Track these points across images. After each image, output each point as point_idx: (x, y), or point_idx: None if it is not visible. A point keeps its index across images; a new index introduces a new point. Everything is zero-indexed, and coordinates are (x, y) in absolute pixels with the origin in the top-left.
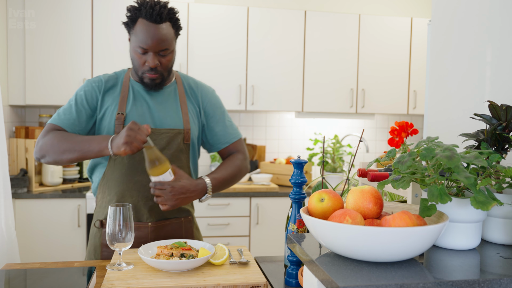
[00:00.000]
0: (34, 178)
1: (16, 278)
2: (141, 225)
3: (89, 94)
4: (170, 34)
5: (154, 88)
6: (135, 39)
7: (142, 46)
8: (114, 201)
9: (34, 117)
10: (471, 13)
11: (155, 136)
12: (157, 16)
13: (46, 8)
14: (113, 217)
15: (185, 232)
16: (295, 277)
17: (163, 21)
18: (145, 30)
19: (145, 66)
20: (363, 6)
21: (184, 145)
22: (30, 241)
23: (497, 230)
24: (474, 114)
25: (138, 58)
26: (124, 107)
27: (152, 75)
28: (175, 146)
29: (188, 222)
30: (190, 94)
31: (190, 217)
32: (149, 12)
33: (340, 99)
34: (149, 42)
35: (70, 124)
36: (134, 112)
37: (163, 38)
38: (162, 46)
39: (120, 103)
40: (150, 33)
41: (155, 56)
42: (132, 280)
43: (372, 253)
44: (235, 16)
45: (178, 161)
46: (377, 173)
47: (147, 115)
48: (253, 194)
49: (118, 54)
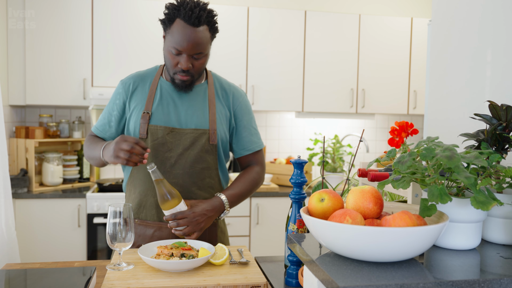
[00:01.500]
0: (34, 178)
1: (16, 278)
2: (162, 225)
3: (118, 98)
4: (206, 37)
5: (184, 89)
6: (170, 39)
7: (177, 47)
8: (137, 199)
9: (34, 117)
10: (472, 13)
11: (179, 136)
12: (196, 19)
13: (46, 8)
14: (113, 217)
15: (208, 235)
16: (295, 277)
17: (201, 24)
18: (182, 32)
19: (177, 68)
20: (363, 6)
21: (209, 146)
22: (30, 241)
23: (497, 230)
24: (474, 114)
25: (171, 58)
26: (150, 105)
27: (183, 77)
28: (200, 147)
29: (213, 226)
30: (221, 95)
31: (215, 221)
32: (188, 14)
33: (340, 99)
34: (185, 45)
35: (102, 130)
36: (159, 111)
37: (199, 42)
38: (197, 50)
39: (147, 102)
40: (186, 35)
41: (188, 58)
42: (132, 280)
43: (372, 253)
44: (235, 16)
45: (204, 162)
46: (377, 173)
47: (173, 114)
48: (253, 194)
49: (118, 54)
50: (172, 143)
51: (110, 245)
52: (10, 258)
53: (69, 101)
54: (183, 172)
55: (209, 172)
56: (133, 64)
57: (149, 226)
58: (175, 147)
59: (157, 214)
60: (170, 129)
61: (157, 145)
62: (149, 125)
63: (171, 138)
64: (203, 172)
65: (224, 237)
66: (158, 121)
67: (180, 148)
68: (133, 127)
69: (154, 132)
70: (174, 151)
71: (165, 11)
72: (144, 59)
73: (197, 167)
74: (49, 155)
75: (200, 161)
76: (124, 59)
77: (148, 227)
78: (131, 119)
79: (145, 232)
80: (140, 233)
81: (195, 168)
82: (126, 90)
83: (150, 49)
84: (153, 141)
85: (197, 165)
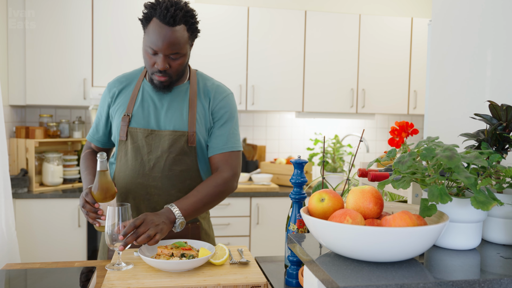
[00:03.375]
0: (34, 178)
1: (17, 278)
2: None
3: (104, 102)
4: (183, 37)
5: (162, 89)
6: (147, 38)
7: (152, 47)
8: (119, 200)
9: (34, 117)
10: (472, 13)
11: (158, 138)
12: (171, 18)
13: (46, 8)
14: (112, 217)
15: (191, 238)
16: (295, 277)
17: (177, 23)
18: (157, 31)
19: (155, 68)
20: (363, 6)
21: (188, 148)
22: (30, 241)
23: (497, 230)
24: (474, 114)
25: (149, 58)
26: (131, 108)
27: (160, 78)
28: (178, 149)
29: (195, 229)
30: (203, 95)
31: (198, 223)
32: (163, 13)
33: (341, 99)
34: (160, 45)
35: (92, 135)
36: (139, 113)
37: (175, 42)
38: (173, 50)
39: (129, 104)
40: (161, 35)
41: (165, 58)
42: (132, 280)
43: (372, 253)
44: (236, 16)
45: (183, 164)
46: (377, 173)
47: (152, 116)
48: (253, 194)
49: (118, 54)
50: (151, 146)
51: (109, 246)
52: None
53: (69, 101)
54: (162, 175)
55: (189, 173)
56: (133, 64)
57: None
58: (154, 150)
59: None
60: (149, 132)
61: (136, 147)
62: (129, 128)
63: (150, 141)
64: (182, 174)
65: (210, 240)
66: (138, 124)
67: (158, 150)
68: (115, 130)
69: (133, 135)
70: (152, 154)
71: (143, 10)
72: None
73: (176, 170)
74: (49, 155)
75: (178, 163)
76: (124, 59)
77: None
78: (113, 122)
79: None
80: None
81: (174, 170)
82: (111, 94)
83: None
84: (133, 143)
85: (176, 168)
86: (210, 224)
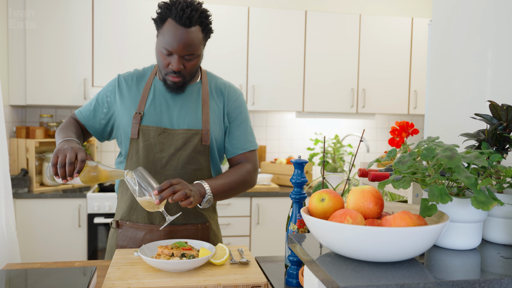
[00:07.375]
0: (34, 178)
1: (17, 278)
2: (154, 228)
3: (109, 95)
4: (198, 38)
5: (175, 90)
6: (161, 39)
7: (167, 48)
8: (129, 201)
9: (34, 117)
10: (472, 13)
11: (171, 136)
12: (187, 19)
13: (46, 8)
14: (133, 185)
15: (201, 238)
16: (295, 277)
17: (193, 25)
18: (172, 32)
19: (169, 68)
20: (363, 6)
21: (202, 147)
22: (30, 241)
23: (497, 230)
24: (474, 114)
25: (163, 59)
26: (142, 106)
27: (174, 78)
28: (192, 147)
29: (205, 229)
30: (215, 94)
31: (208, 224)
32: (179, 14)
33: (341, 99)
34: (175, 46)
35: (86, 116)
36: (151, 111)
37: (190, 43)
38: (188, 51)
39: (140, 102)
40: (177, 36)
41: (179, 59)
42: (132, 280)
43: (372, 253)
44: (236, 16)
45: (196, 163)
46: (377, 173)
47: (165, 115)
48: (253, 194)
49: (118, 54)
50: (163, 144)
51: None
52: (11, 258)
53: (69, 101)
54: (175, 173)
55: (201, 173)
56: (134, 64)
57: (140, 229)
58: (167, 148)
59: (148, 217)
60: (162, 130)
61: (148, 145)
62: (140, 126)
63: (163, 139)
64: (194, 173)
65: (217, 240)
66: (150, 122)
67: (172, 148)
68: (124, 126)
69: (145, 133)
70: (165, 152)
71: (158, 10)
72: (145, 59)
73: (189, 168)
74: (50, 155)
75: (192, 162)
76: (124, 59)
77: (139, 229)
78: (122, 118)
79: (135, 235)
80: (131, 236)
81: (187, 169)
82: (120, 88)
83: (150, 49)
84: (145, 141)
85: (189, 166)
86: (218, 225)
